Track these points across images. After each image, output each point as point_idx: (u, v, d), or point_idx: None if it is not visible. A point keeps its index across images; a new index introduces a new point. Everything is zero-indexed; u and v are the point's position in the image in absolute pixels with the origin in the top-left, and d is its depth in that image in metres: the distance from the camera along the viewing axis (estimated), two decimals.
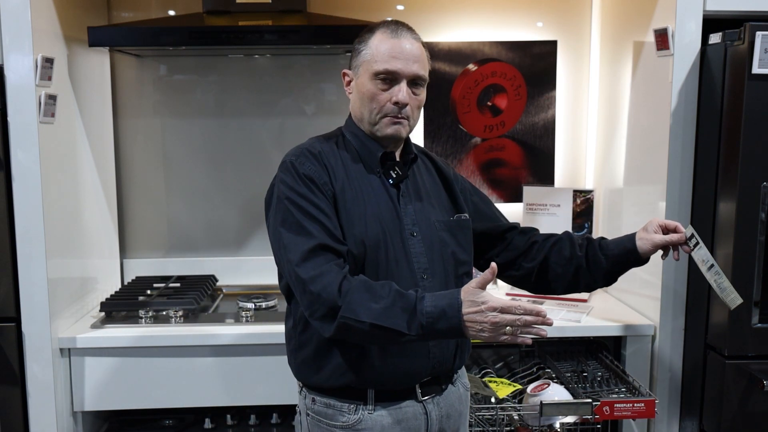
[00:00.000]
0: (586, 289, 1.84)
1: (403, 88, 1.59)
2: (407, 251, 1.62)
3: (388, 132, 1.63)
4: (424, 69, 1.64)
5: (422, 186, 1.74)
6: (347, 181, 1.63)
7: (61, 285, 2.30)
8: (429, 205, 1.71)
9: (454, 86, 2.87)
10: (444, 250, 1.67)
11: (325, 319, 1.49)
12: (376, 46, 1.61)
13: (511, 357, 2.48)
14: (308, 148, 1.65)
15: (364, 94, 1.63)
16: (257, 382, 2.31)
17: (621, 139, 2.63)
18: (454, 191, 1.79)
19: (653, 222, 1.74)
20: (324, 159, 1.63)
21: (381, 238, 1.59)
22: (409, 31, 1.64)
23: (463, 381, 1.79)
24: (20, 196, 2.14)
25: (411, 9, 2.83)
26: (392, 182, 1.67)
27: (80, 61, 2.49)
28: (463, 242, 1.73)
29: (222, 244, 2.91)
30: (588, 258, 1.77)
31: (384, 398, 1.63)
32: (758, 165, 2.02)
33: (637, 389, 2.15)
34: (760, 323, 2.07)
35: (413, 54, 1.60)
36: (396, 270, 1.60)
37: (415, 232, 1.65)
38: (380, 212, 1.62)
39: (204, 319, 2.41)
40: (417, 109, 1.66)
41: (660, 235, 1.72)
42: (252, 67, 2.84)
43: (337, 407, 1.64)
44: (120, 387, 2.28)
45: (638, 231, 1.76)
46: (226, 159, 2.87)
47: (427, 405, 1.66)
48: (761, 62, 1.96)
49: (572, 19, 2.88)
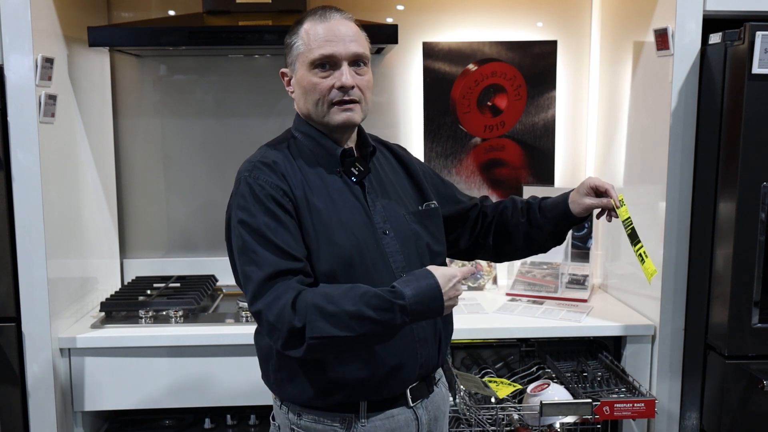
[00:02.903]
0: (541, 250, 1.81)
1: (344, 70, 1.50)
2: (382, 251, 1.55)
3: (339, 120, 1.53)
4: (363, 47, 1.54)
5: (386, 179, 1.65)
6: (308, 188, 1.52)
7: (61, 285, 2.30)
8: (396, 199, 1.63)
9: (454, 86, 2.87)
10: (419, 243, 1.60)
11: (289, 345, 1.40)
12: (306, 34, 1.52)
13: (511, 357, 2.48)
14: (260, 159, 1.56)
15: (306, 87, 1.53)
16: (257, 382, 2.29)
17: (621, 139, 2.63)
18: (418, 179, 1.71)
19: (585, 184, 1.70)
20: (279, 168, 1.53)
21: (354, 243, 1.51)
22: (339, 12, 1.55)
23: (442, 380, 1.74)
24: (20, 196, 2.14)
25: (411, 9, 2.83)
26: (355, 180, 1.58)
27: (80, 61, 2.49)
28: (435, 232, 1.66)
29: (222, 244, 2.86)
30: (531, 222, 1.76)
31: (376, 408, 1.56)
32: (758, 165, 2.02)
33: (637, 389, 2.15)
34: (760, 323, 2.07)
35: (348, 34, 1.52)
36: (374, 273, 1.52)
37: (387, 230, 1.57)
38: (349, 215, 1.54)
39: (204, 319, 2.41)
40: (367, 90, 1.56)
41: (591, 198, 1.69)
42: (252, 67, 2.84)
43: (327, 422, 1.55)
44: (120, 387, 2.28)
45: (572, 192, 1.72)
46: (226, 159, 2.87)
47: (418, 410, 1.61)
48: (761, 62, 1.96)
49: (572, 19, 2.88)
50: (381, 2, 2.83)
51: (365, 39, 1.58)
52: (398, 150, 1.77)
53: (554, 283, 2.67)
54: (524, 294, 2.68)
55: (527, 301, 2.61)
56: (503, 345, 2.46)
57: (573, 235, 2.75)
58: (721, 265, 2.11)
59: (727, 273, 2.07)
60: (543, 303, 2.59)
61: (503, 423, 2.10)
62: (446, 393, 1.75)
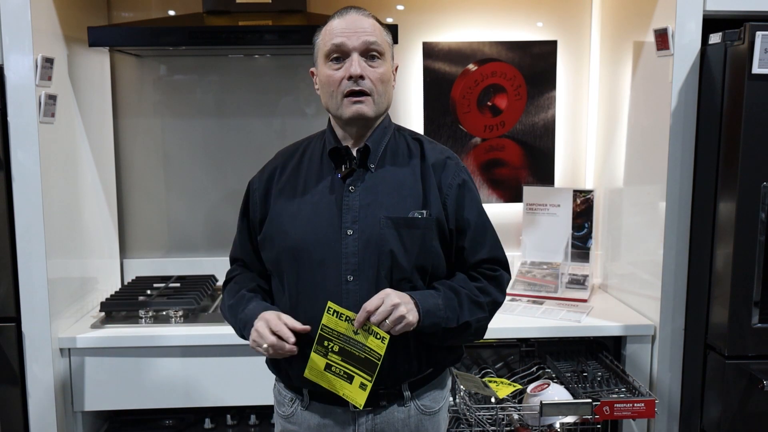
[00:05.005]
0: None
1: (353, 59, 1.52)
2: (338, 251, 1.55)
3: (349, 113, 1.54)
4: (377, 38, 1.54)
5: (388, 178, 1.60)
6: (286, 183, 1.64)
7: (61, 285, 2.30)
8: (386, 199, 1.57)
9: (454, 86, 2.87)
10: (381, 249, 1.54)
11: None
12: (325, 31, 1.58)
13: (511, 357, 2.48)
14: (279, 152, 1.74)
15: (323, 80, 1.57)
16: (257, 382, 2.31)
17: (621, 139, 2.63)
18: (427, 188, 1.60)
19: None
20: (274, 167, 1.68)
21: (303, 237, 1.57)
22: (358, 10, 1.58)
23: (423, 403, 1.63)
24: (20, 196, 2.14)
25: (411, 9, 2.83)
26: (339, 176, 1.59)
27: (80, 61, 2.49)
28: (408, 243, 1.55)
29: (222, 244, 2.90)
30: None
31: (320, 399, 1.61)
32: (758, 165, 2.02)
33: (637, 389, 2.15)
34: (760, 323, 2.07)
35: (361, 26, 1.54)
36: (319, 271, 1.55)
37: (352, 231, 1.55)
38: (313, 211, 1.58)
39: (204, 319, 2.41)
40: (381, 83, 1.55)
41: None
42: (252, 67, 2.84)
43: (282, 395, 1.70)
44: (120, 387, 2.28)
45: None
46: (226, 159, 2.87)
47: (359, 417, 1.60)
48: (761, 62, 1.96)
49: (572, 19, 2.88)
50: (381, 2, 2.83)
51: (383, 33, 1.58)
52: (433, 154, 1.65)
53: (554, 283, 2.67)
54: (524, 294, 2.68)
55: (527, 301, 2.61)
56: (503, 345, 2.46)
57: (573, 235, 2.75)
58: (721, 265, 2.11)
59: (727, 273, 2.07)
60: (543, 303, 2.59)
61: (503, 423, 2.10)
62: (418, 417, 1.63)
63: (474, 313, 1.59)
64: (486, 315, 1.62)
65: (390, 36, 1.62)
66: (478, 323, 1.61)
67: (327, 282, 1.54)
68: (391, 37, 1.64)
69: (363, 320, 1.49)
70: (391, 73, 1.60)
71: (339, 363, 1.52)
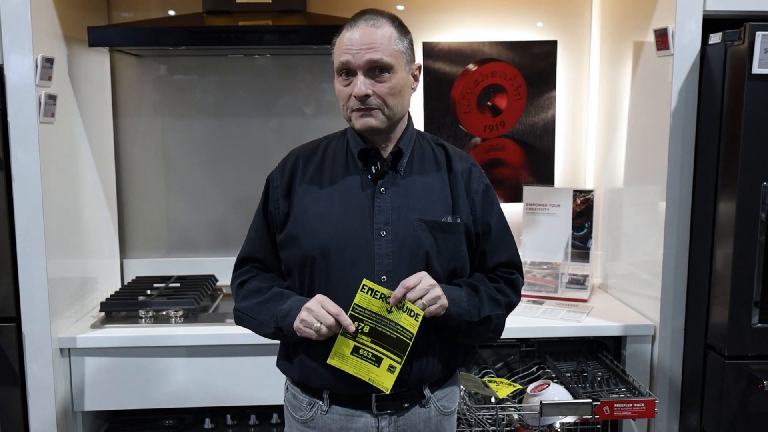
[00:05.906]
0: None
1: (358, 80, 1.52)
2: (370, 252, 1.56)
3: (358, 126, 1.57)
4: (381, 53, 1.52)
5: (418, 181, 1.63)
6: (312, 181, 1.62)
7: (61, 285, 2.30)
8: (417, 203, 1.60)
9: (454, 86, 2.87)
10: (416, 252, 1.57)
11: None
12: (337, 43, 1.57)
13: (511, 357, 2.48)
14: (297, 149, 1.70)
15: (336, 92, 1.60)
16: (257, 382, 2.31)
17: (621, 139, 2.63)
18: (457, 193, 1.64)
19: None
20: (296, 162, 1.66)
21: (334, 237, 1.56)
22: (368, 17, 1.55)
23: (442, 404, 1.68)
24: (20, 196, 2.14)
25: (411, 9, 2.83)
26: (370, 177, 1.60)
27: (80, 61, 2.49)
28: (443, 247, 1.59)
29: (222, 244, 2.91)
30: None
31: (341, 402, 1.61)
32: (758, 165, 2.02)
33: (637, 389, 2.15)
34: (760, 323, 2.07)
35: (365, 41, 1.52)
36: (351, 272, 1.55)
37: (385, 232, 1.57)
38: (343, 211, 1.58)
39: (204, 319, 2.41)
40: (390, 96, 1.54)
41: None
42: (252, 67, 2.84)
43: (298, 400, 1.66)
44: (120, 387, 2.29)
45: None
46: (226, 159, 2.87)
47: (381, 420, 1.60)
48: (761, 62, 1.96)
49: (572, 19, 2.88)
50: (381, 2, 2.83)
51: (393, 42, 1.54)
52: (457, 159, 1.69)
53: (554, 283, 2.67)
54: (524, 294, 2.67)
55: (527, 301, 2.61)
56: (503, 345, 2.46)
57: (573, 235, 2.75)
58: (721, 265, 2.11)
59: (727, 273, 2.07)
60: (543, 303, 2.59)
61: (503, 423, 2.10)
62: (437, 417, 1.67)
63: (493, 309, 1.63)
64: (503, 313, 1.67)
65: (406, 40, 1.59)
66: (498, 320, 1.66)
67: (358, 281, 1.53)
68: (409, 40, 1.60)
69: (401, 296, 1.51)
70: (406, 80, 1.59)
71: (368, 345, 1.53)
